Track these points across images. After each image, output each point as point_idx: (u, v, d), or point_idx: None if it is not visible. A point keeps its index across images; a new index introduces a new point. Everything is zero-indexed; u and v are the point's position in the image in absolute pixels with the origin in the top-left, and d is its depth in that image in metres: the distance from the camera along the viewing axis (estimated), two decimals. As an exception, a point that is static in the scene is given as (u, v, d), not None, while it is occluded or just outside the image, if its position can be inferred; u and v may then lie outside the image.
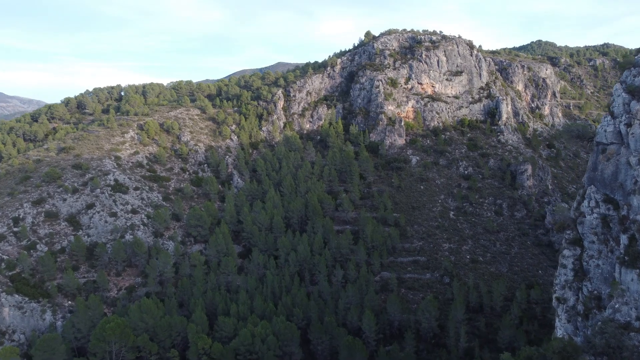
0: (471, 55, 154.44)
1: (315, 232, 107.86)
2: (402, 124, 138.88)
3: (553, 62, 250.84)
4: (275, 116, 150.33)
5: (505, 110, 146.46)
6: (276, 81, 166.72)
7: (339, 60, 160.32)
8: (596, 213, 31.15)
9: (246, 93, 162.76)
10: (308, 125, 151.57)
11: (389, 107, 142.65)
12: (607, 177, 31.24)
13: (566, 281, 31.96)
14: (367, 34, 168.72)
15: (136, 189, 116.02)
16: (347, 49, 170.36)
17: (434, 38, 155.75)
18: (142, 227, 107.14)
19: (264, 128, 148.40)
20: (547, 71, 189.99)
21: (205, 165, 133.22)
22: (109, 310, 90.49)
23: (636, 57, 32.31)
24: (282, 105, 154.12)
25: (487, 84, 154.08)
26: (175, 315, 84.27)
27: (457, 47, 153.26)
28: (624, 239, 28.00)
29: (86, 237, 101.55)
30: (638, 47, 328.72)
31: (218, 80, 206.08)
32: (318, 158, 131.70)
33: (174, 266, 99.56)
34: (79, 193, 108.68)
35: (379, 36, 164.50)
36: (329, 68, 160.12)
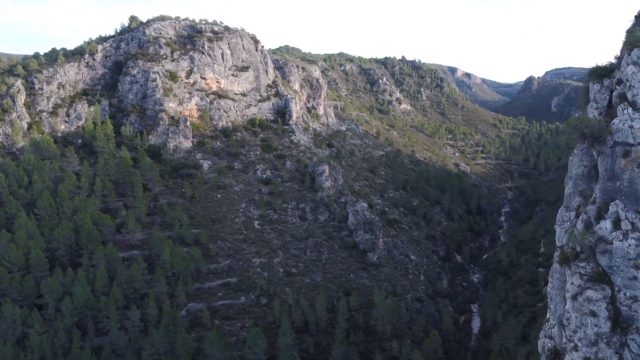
0: (257, 51, 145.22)
1: (95, 264, 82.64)
2: (188, 123, 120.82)
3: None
4: (15, 114, 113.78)
5: (295, 109, 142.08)
6: (12, 69, 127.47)
7: (100, 47, 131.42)
8: (634, 238, 22.32)
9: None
10: (64, 126, 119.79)
11: (170, 105, 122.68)
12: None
13: (598, 334, 22.55)
14: (133, 18, 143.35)
15: None
16: (109, 35, 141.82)
17: (215, 28, 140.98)
18: None
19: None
20: (316, 72, 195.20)
21: None
22: None
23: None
24: (23, 101, 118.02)
25: (274, 82, 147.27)
26: None
27: (242, 41, 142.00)
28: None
29: None
30: (375, 56, 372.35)
31: None
32: (85, 168, 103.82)
33: None
34: None
35: (148, 22, 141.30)
36: (87, 56, 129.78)
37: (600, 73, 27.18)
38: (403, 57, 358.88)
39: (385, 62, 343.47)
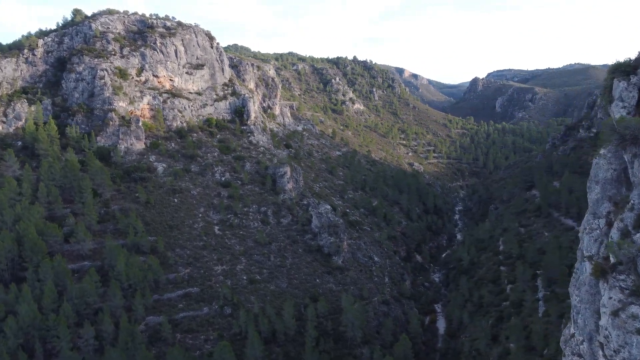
0: (212, 48, 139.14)
1: (41, 279, 75.58)
2: (140, 124, 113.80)
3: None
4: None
5: (253, 109, 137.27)
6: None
7: (40, 42, 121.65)
8: (682, 251, 20.43)
9: None
10: (1, 127, 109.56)
11: (120, 104, 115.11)
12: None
13: (645, 357, 20.40)
14: (77, 12, 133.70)
15: None
16: (50, 29, 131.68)
17: (168, 24, 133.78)
18: None
19: None
20: (271, 71, 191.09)
21: None
22: None
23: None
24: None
25: (230, 80, 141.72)
26: None
27: (196, 37, 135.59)
28: None
29: None
30: (327, 56, 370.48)
31: None
32: (26, 172, 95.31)
33: None
34: None
35: (94, 16, 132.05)
36: (26, 51, 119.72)
37: (624, 69, 25.49)
38: (355, 57, 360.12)
39: (337, 62, 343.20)
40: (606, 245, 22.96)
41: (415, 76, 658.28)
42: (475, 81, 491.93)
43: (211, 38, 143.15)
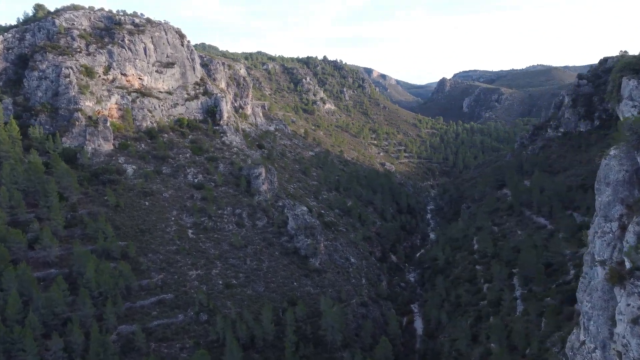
0: (182, 46, 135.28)
1: (4, 288, 71.20)
2: (108, 124, 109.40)
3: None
4: None
5: (226, 109, 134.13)
6: None
7: (0, 38, 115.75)
8: None
9: None
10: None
11: (87, 103, 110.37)
12: None
13: (665, 367, 19.71)
14: (40, 7, 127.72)
15: None
16: (10, 25, 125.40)
17: (137, 21, 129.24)
18: None
19: None
20: (242, 70, 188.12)
21: None
22: None
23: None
24: None
25: (202, 79, 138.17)
26: None
27: (166, 35, 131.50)
28: None
29: None
30: (297, 56, 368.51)
31: None
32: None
33: None
34: None
35: (57, 12, 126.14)
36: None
37: (633, 67, 24.82)
38: (325, 57, 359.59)
39: (307, 62, 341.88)
40: (620, 249, 22.15)
41: (383, 76, 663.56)
42: (442, 82, 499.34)
43: (182, 36, 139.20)
